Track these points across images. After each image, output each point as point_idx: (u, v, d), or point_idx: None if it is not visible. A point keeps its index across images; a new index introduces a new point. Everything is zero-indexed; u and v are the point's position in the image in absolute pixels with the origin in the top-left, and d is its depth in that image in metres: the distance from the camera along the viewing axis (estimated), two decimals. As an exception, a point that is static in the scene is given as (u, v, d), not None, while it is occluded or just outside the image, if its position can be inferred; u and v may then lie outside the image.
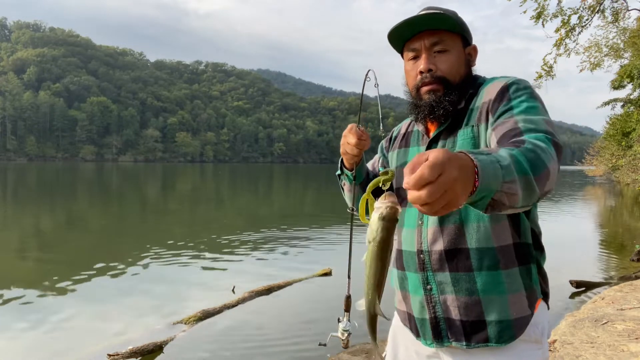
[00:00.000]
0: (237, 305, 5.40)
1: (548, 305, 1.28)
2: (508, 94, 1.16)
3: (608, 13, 10.49)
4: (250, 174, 55.54)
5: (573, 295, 6.15)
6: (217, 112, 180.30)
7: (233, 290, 5.95)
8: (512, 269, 1.20)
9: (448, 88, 1.26)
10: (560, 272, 6.82)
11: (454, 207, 0.73)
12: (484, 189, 0.77)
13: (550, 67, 9.74)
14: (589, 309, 5.10)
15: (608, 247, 10.14)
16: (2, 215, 14.06)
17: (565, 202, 20.90)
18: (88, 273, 6.84)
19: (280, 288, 6.11)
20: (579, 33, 9.65)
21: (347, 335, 1.42)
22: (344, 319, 1.43)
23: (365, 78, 1.38)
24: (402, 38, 1.31)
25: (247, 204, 19.76)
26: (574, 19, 9.42)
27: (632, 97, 21.67)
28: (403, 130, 1.50)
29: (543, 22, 8.97)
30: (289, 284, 6.28)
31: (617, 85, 20.32)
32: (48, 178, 38.77)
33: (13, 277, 6.68)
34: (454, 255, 1.22)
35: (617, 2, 10.33)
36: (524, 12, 8.70)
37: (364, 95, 1.47)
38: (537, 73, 9.86)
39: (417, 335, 1.35)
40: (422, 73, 1.27)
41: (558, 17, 9.22)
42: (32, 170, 53.55)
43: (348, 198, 1.51)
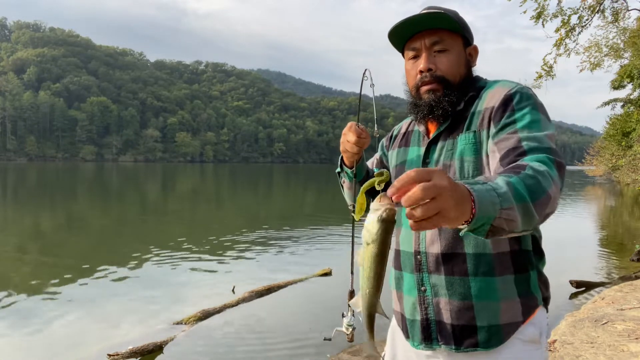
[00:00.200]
0: (237, 305, 5.40)
1: (547, 309, 1.28)
2: (512, 105, 1.16)
3: (608, 13, 10.50)
4: (250, 174, 55.56)
5: (573, 295, 6.16)
6: (217, 112, 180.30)
7: (233, 290, 5.95)
8: (507, 276, 1.20)
9: (448, 88, 1.26)
10: (560, 272, 6.83)
11: (440, 226, 0.76)
12: (482, 217, 0.81)
13: (550, 67, 9.75)
14: (589, 309, 5.10)
15: (608, 247, 10.14)
16: (2, 216, 14.06)
17: (566, 202, 20.89)
18: (88, 273, 6.85)
19: (280, 288, 6.12)
20: (579, 33, 9.66)
21: (351, 330, 1.43)
22: (348, 314, 1.44)
23: (363, 77, 1.39)
24: (402, 37, 1.31)
25: (247, 204, 19.76)
26: (574, 19, 9.44)
27: (632, 97, 21.64)
28: (404, 130, 1.50)
29: (543, 22, 8.98)
30: (289, 284, 6.28)
31: (617, 85, 20.30)
32: (48, 178, 38.77)
33: (13, 277, 6.68)
34: (450, 259, 1.22)
35: (617, 2, 10.34)
36: (524, 12, 8.71)
37: (364, 95, 1.48)
38: (537, 73, 9.88)
39: (406, 336, 1.35)
40: (421, 72, 1.27)
41: (558, 17, 9.23)
42: (32, 171, 53.54)
43: (347, 195, 1.53)
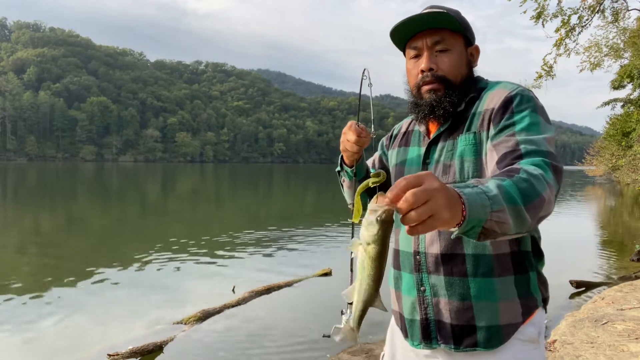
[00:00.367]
0: (237, 305, 5.40)
1: (546, 309, 1.28)
2: (511, 107, 1.16)
3: (608, 13, 10.49)
4: (250, 174, 55.56)
5: (573, 295, 6.15)
6: (217, 112, 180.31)
7: (233, 290, 5.95)
8: (506, 277, 1.20)
9: (449, 88, 1.26)
10: (560, 272, 6.83)
11: (434, 229, 0.77)
12: (473, 219, 0.81)
13: (550, 67, 9.74)
14: (589, 309, 5.10)
15: (608, 247, 10.14)
16: (2, 216, 14.06)
17: (566, 202, 20.91)
18: (88, 273, 6.84)
19: (280, 288, 6.12)
20: (579, 33, 9.65)
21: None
22: (348, 311, 1.44)
23: (362, 77, 1.39)
24: (404, 36, 1.31)
25: (247, 204, 19.76)
26: (574, 19, 9.43)
27: (632, 97, 21.62)
28: (404, 129, 1.50)
29: (543, 22, 8.97)
30: (289, 284, 6.28)
31: (617, 85, 20.28)
32: (48, 178, 38.77)
33: (13, 277, 6.67)
34: (450, 259, 1.22)
35: (617, 2, 10.34)
36: (524, 12, 8.70)
37: (363, 95, 1.47)
38: (537, 73, 9.88)
39: (405, 336, 1.35)
40: (423, 72, 1.27)
41: (558, 17, 9.22)
42: (32, 171, 53.55)
43: (347, 194, 1.53)
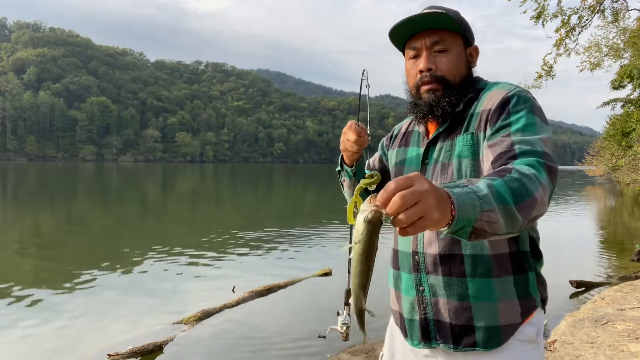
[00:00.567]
0: (237, 305, 5.40)
1: (545, 310, 1.29)
2: (508, 107, 1.16)
3: (608, 13, 10.48)
4: (250, 174, 55.56)
5: (573, 295, 6.15)
6: (217, 112, 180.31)
7: (233, 290, 5.95)
8: (505, 277, 1.20)
9: (447, 88, 1.26)
10: (560, 272, 6.83)
11: (425, 229, 0.77)
12: (462, 219, 0.81)
13: (550, 67, 9.74)
14: (589, 309, 5.10)
15: (608, 247, 10.14)
16: (2, 216, 14.07)
17: (566, 202, 20.91)
18: (88, 273, 6.84)
19: (280, 288, 6.12)
20: (579, 33, 9.64)
21: (346, 329, 1.43)
22: (344, 312, 1.44)
23: (362, 77, 1.39)
24: (403, 36, 1.31)
25: (247, 204, 19.75)
26: (574, 19, 9.42)
27: (632, 97, 21.62)
28: (404, 129, 1.51)
29: (543, 22, 8.97)
30: (289, 284, 6.28)
31: (617, 85, 20.29)
32: (48, 178, 38.77)
33: (13, 277, 6.67)
34: (448, 260, 1.23)
35: (617, 2, 10.33)
36: (524, 12, 8.70)
37: (363, 95, 1.48)
38: (537, 73, 9.86)
39: (404, 335, 1.36)
40: (422, 72, 1.28)
41: (558, 17, 9.21)
42: (32, 171, 53.55)
43: (347, 194, 1.54)
